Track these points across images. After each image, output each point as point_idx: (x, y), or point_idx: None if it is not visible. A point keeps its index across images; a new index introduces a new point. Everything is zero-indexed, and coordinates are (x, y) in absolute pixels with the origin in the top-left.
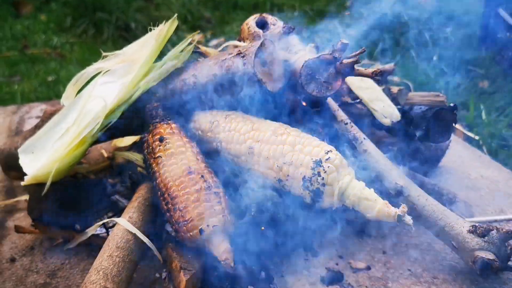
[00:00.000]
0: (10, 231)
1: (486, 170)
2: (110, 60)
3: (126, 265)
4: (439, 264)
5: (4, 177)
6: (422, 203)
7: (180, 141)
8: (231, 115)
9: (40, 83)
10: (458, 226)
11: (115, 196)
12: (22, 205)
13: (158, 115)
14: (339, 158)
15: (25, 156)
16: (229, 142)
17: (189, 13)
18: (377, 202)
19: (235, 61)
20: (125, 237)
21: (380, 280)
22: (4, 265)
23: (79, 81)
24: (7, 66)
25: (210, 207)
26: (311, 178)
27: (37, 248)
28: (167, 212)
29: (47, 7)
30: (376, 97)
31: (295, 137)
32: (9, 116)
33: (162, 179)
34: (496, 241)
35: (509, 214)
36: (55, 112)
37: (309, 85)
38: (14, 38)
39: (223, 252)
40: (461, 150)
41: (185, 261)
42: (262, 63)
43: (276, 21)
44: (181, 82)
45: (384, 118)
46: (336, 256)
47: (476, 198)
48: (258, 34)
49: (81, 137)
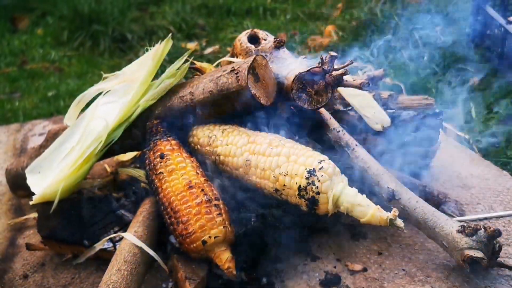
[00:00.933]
0: (21, 249)
1: (476, 168)
2: (110, 80)
3: (134, 278)
4: (432, 263)
5: (12, 196)
6: (413, 206)
7: (180, 157)
8: (227, 129)
9: (40, 99)
10: (448, 227)
11: (120, 211)
12: (30, 223)
13: (158, 132)
14: (332, 167)
15: (32, 176)
16: (227, 155)
17: (183, 22)
18: (369, 208)
19: (229, 77)
20: (132, 251)
21: (376, 281)
22: (18, 281)
23: (81, 101)
24: (7, 82)
25: (211, 219)
26: (306, 187)
27: (48, 264)
28: (170, 226)
29: (43, 21)
30: (367, 104)
31: (290, 148)
32: (12, 135)
33: (165, 194)
34: (484, 240)
35: (499, 211)
36: (59, 131)
37: (301, 98)
38: (12, 54)
39: (225, 262)
40: (451, 149)
41: (189, 270)
42: (255, 78)
43: (267, 35)
44: (178, 99)
45: (376, 124)
46: (333, 259)
47: (466, 196)
48: (250, 49)
49: (85, 156)
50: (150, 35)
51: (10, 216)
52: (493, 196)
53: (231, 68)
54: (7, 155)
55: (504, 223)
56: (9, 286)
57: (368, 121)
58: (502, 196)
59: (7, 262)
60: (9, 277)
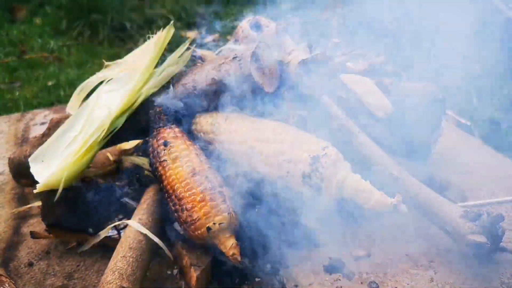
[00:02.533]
0: (25, 237)
1: (478, 155)
2: (113, 69)
3: (139, 264)
4: (435, 248)
5: (15, 185)
6: (416, 192)
7: (184, 145)
8: (230, 116)
9: (40, 89)
10: (451, 212)
11: (124, 199)
12: (34, 211)
13: (161, 120)
14: (336, 153)
15: (36, 165)
16: (231, 143)
17: (183, 10)
18: (373, 193)
19: (232, 65)
20: (137, 238)
21: (380, 266)
22: (23, 269)
23: (83, 90)
24: (6, 72)
25: (215, 206)
26: (310, 173)
27: (53, 252)
28: (175, 213)
29: (41, 10)
30: (369, 90)
31: (293, 135)
32: (14, 124)
33: (169, 181)
34: (487, 225)
35: (501, 197)
36: (61, 120)
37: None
38: (11, 44)
39: (230, 248)
40: (453, 136)
41: (194, 257)
42: (257, 65)
43: (270, 22)
44: (181, 87)
45: (378, 111)
46: (337, 245)
47: (469, 183)
48: (253, 36)
49: (88, 144)
50: (149, 24)
51: (14, 205)
52: (495, 182)
53: (234, 55)
54: (9, 145)
55: (506, 209)
56: (15, 274)
57: (370, 108)
58: (504, 182)
59: (12, 250)
60: (14, 265)
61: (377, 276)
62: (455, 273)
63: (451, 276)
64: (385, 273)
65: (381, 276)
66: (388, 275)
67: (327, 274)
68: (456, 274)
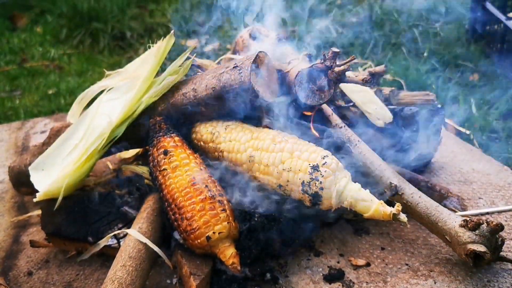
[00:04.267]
0: (25, 246)
1: (477, 164)
2: (113, 78)
3: (139, 273)
4: (434, 258)
5: (15, 194)
6: (416, 201)
7: (184, 154)
8: (230, 125)
9: (41, 97)
10: (450, 221)
11: (124, 208)
12: (34, 220)
13: (162, 129)
14: (335, 162)
15: (36, 173)
16: (230, 152)
17: (183, 19)
18: (373, 203)
19: (232, 74)
20: (136, 247)
21: (380, 275)
22: (22, 278)
23: (84, 98)
24: (7, 80)
25: (215, 215)
26: (309, 182)
27: (52, 261)
28: (175, 222)
29: (42, 19)
30: (369, 100)
31: (293, 144)
32: (14, 133)
33: (169, 190)
34: (487, 234)
35: (501, 206)
36: (61, 129)
37: (303, 94)
38: (12, 52)
39: (230, 257)
40: (452, 144)
41: (194, 266)
42: (257, 74)
43: (269, 32)
44: (181, 96)
45: (378, 120)
46: (337, 255)
47: (468, 191)
48: (253, 46)
49: (89, 153)
50: (149, 33)
51: (14, 214)
52: (494, 191)
53: (234, 64)
54: (9, 153)
55: (506, 218)
56: (14, 283)
57: (370, 117)
58: (503, 191)
59: (11, 259)
60: (13, 274)
61: (376, 285)
62: (455, 282)
63: (451, 285)
64: (385, 282)
65: (380, 285)
66: (388, 285)
67: (326, 284)
68: (456, 284)
